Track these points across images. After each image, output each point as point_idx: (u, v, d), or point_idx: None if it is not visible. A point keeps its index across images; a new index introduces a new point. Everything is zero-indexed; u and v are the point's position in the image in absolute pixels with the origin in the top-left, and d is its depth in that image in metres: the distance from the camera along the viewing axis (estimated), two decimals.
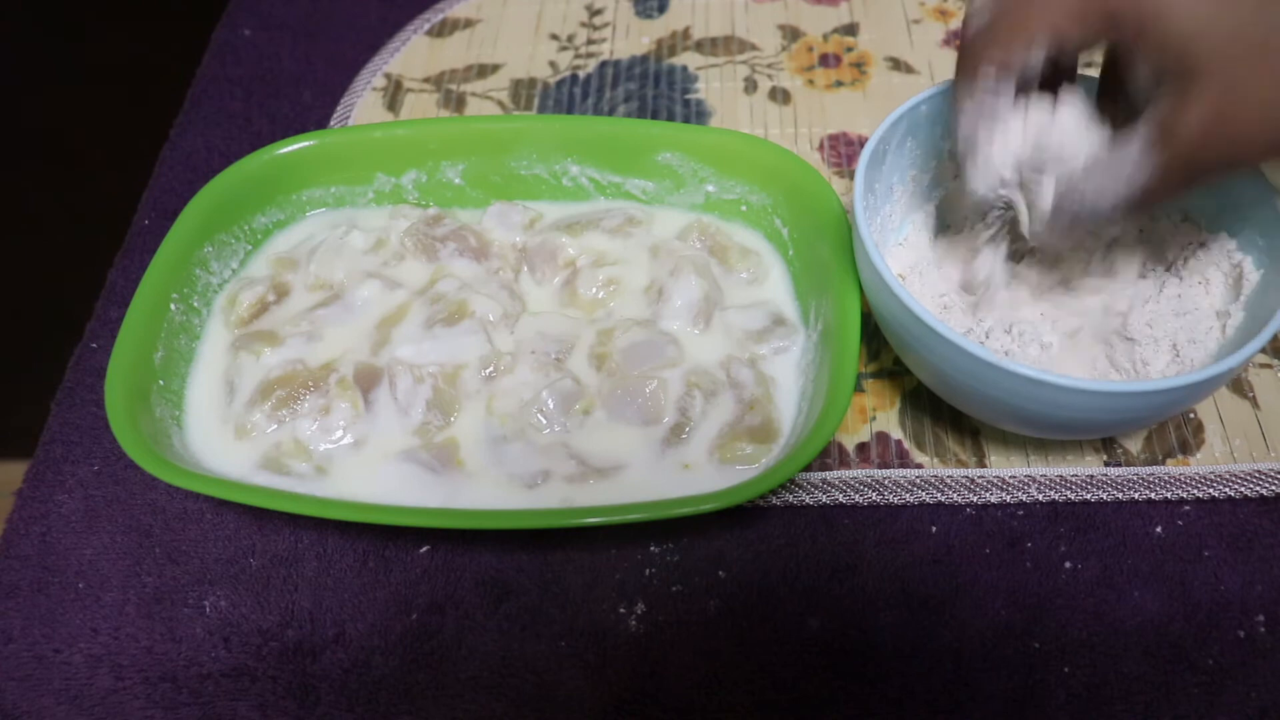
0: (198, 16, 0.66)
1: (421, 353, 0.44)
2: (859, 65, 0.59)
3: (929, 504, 0.41)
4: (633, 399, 0.42)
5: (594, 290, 0.46)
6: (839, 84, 0.58)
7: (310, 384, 0.43)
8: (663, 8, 0.63)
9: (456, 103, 0.58)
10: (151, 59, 0.78)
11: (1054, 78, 0.36)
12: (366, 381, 0.43)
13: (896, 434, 0.43)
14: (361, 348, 0.45)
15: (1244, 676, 0.37)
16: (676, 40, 0.61)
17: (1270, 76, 0.30)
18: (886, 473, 0.42)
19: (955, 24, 0.60)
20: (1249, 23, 0.30)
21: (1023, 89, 0.36)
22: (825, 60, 0.59)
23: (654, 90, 0.58)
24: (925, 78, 0.58)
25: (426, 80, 0.59)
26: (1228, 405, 0.44)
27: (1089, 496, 0.41)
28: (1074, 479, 0.42)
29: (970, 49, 0.35)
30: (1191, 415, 0.43)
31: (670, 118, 0.56)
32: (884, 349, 0.46)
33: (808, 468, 0.41)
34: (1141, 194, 0.33)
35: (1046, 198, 0.36)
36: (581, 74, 0.59)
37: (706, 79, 0.58)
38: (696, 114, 0.57)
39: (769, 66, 0.59)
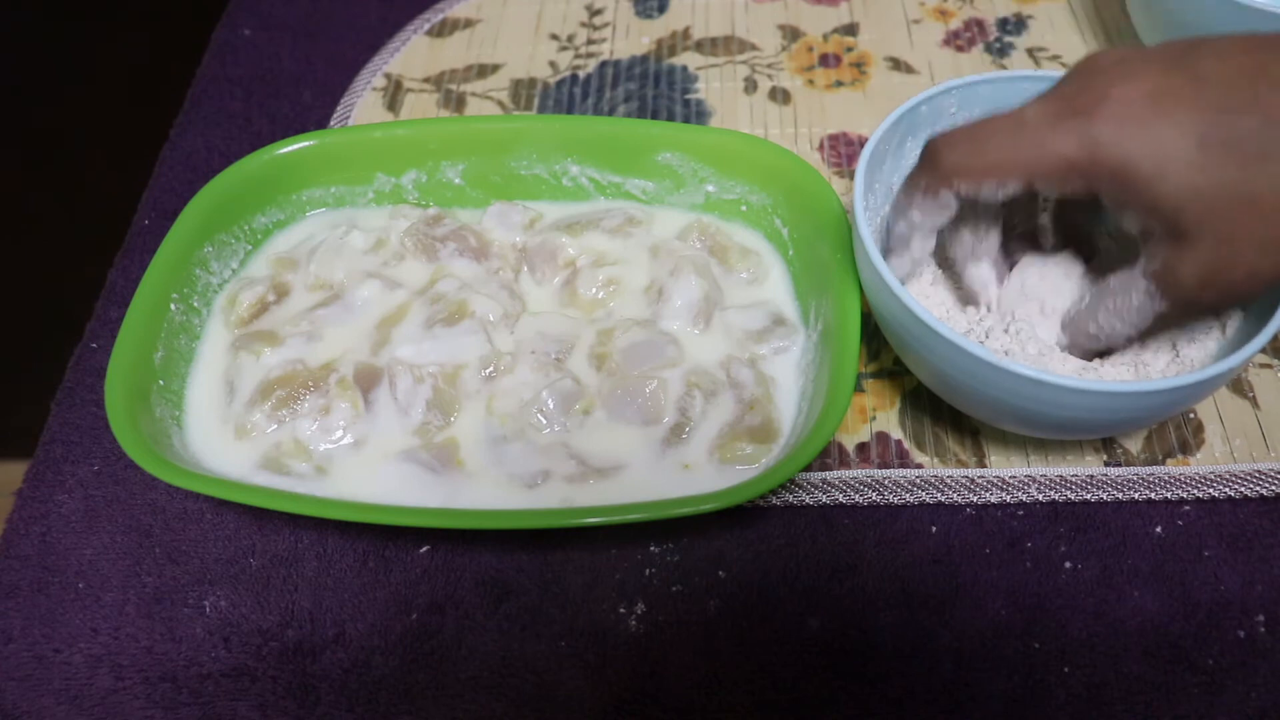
0: (198, 16, 0.66)
1: (421, 353, 0.44)
2: (859, 65, 0.59)
3: (929, 504, 0.41)
4: (633, 399, 0.42)
5: (594, 290, 0.46)
6: (839, 84, 0.58)
7: (310, 384, 0.43)
8: (663, 8, 0.63)
9: (456, 103, 0.58)
10: (151, 59, 0.78)
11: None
12: (366, 381, 0.43)
13: (896, 434, 0.43)
14: (361, 348, 0.45)
15: (1244, 676, 0.37)
16: (676, 40, 0.61)
17: (1260, 223, 0.31)
18: (886, 473, 0.42)
19: (955, 24, 0.60)
20: (1236, 180, 0.31)
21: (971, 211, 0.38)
22: (825, 60, 0.59)
23: (654, 90, 0.58)
24: (925, 78, 0.58)
25: (426, 80, 0.59)
26: (1228, 405, 0.44)
27: (1089, 496, 0.41)
28: (1074, 479, 0.42)
29: (939, 165, 0.35)
30: (1191, 415, 0.43)
31: (670, 118, 0.56)
32: (884, 349, 0.46)
33: (808, 468, 0.41)
34: (1150, 327, 0.36)
35: (1052, 332, 0.39)
36: (581, 74, 0.59)
37: (706, 79, 0.58)
38: (696, 114, 0.57)
39: (769, 66, 0.59)
